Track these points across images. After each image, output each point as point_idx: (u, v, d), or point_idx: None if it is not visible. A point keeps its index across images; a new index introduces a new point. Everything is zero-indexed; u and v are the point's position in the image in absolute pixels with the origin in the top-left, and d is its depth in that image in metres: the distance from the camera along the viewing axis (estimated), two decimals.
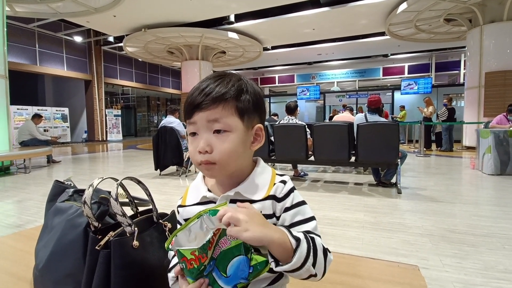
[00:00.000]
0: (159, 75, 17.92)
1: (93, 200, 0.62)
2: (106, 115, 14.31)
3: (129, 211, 0.64)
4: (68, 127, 13.32)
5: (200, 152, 0.49)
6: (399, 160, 3.46)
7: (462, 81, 12.71)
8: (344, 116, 5.52)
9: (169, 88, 18.80)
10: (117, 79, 15.19)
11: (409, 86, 12.18)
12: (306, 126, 3.88)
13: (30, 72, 11.69)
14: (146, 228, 0.62)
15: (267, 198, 0.51)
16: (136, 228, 0.57)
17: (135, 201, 0.72)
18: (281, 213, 0.51)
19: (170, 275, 0.55)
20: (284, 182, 0.53)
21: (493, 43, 7.33)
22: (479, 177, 4.32)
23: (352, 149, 3.68)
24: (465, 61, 10.51)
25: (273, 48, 13.14)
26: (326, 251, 0.48)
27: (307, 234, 0.47)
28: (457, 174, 4.66)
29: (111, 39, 12.94)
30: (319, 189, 3.71)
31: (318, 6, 8.73)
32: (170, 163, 4.67)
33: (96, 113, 14.00)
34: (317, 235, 0.49)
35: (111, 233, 0.56)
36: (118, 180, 0.60)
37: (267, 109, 15.24)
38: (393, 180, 3.72)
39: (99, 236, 0.57)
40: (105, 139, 14.31)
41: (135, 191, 0.74)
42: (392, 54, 14.46)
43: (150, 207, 0.67)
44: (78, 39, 12.95)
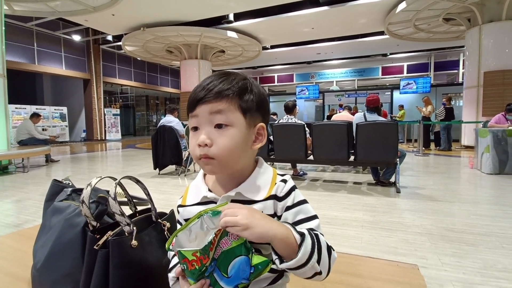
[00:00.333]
0: (158, 74, 17.88)
1: (91, 200, 0.62)
2: (104, 114, 14.27)
3: (127, 210, 0.64)
4: (66, 126, 13.27)
5: (199, 145, 0.48)
6: (398, 159, 3.47)
7: (461, 80, 12.75)
8: (342, 115, 5.52)
9: (168, 87, 18.77)
10: (116, 78, 15.15)
11: (408, 85, 12.21)
12: (305, 126, 3.88)
13: (28, 71, 11.65)
14: (144, 228, 0.61)
15: (268, 198, 0.50)
16: (134, 228, 0.57)
17: (133, 200, 0.72)
18: (282, 212, 0.50)
19: (171, 275, 0.54)
20: (285, 181, 0.52)
21: (492, 42, 7.34)
22: (478, 176, 4.33)
23: (351, 148, 3.68)
24: (464, 60, 10.52)
25: (272, 47, 13.13)
26: (330, 248, 0.47)
27: (311, 231, 0.46)
28: (455, 173, 4.67)
29: (109, 38, 12.88)
30: (318, 188, 3.71)
31: (317, 5, 8.72)
32: (169, 162, 4.67)
33: (94, 112, 13.96)
34: (320, 233, 0.48)
35: (110, 233, 0.56)
36: (117, 179, 0.60)
37: None
38: (392, 179, 3.73)
39: (98, 236, 0.56)
40: (103, 138, 14.28)
41: (133, 190, 0.74)
42: (391, 54, 14.48)
43: (149, 206, 0.66)
44: (76, 38, 12.89)
